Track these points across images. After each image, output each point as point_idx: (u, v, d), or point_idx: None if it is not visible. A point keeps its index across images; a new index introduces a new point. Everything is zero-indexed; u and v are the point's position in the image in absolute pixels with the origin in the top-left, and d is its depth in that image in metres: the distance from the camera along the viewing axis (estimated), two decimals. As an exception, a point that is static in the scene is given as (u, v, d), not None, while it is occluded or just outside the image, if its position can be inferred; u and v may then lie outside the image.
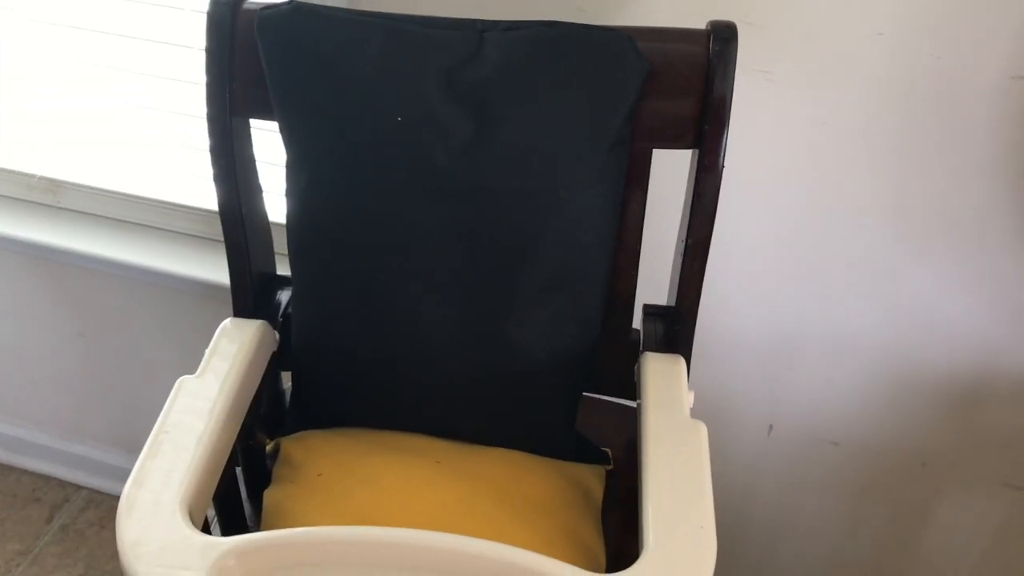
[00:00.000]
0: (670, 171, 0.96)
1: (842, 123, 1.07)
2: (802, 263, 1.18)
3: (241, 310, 1.00)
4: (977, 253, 1.11)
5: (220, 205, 0.96)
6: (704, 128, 0.88)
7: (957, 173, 1.07)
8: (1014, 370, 1.17)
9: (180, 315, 1.47)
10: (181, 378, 0.90)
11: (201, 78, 0.92)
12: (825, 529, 1.38)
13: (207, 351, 0.94)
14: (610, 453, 1.03)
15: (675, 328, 0.97)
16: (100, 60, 1.35)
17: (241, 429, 0.91)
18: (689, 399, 0.91)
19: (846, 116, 1.07)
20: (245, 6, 0.92)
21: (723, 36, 0.87)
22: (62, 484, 1.73)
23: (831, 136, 1.08)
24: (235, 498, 0.98)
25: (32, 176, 1.46)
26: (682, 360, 0.96)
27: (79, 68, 1.36)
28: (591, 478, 0.99)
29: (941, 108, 1.04)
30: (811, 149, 1.10)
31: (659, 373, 0.94)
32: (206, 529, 0.82)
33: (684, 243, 0.93)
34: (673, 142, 0.91)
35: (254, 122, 0.97)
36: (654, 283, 1.04)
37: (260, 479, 0.99)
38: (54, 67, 1.38)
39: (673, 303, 0.97)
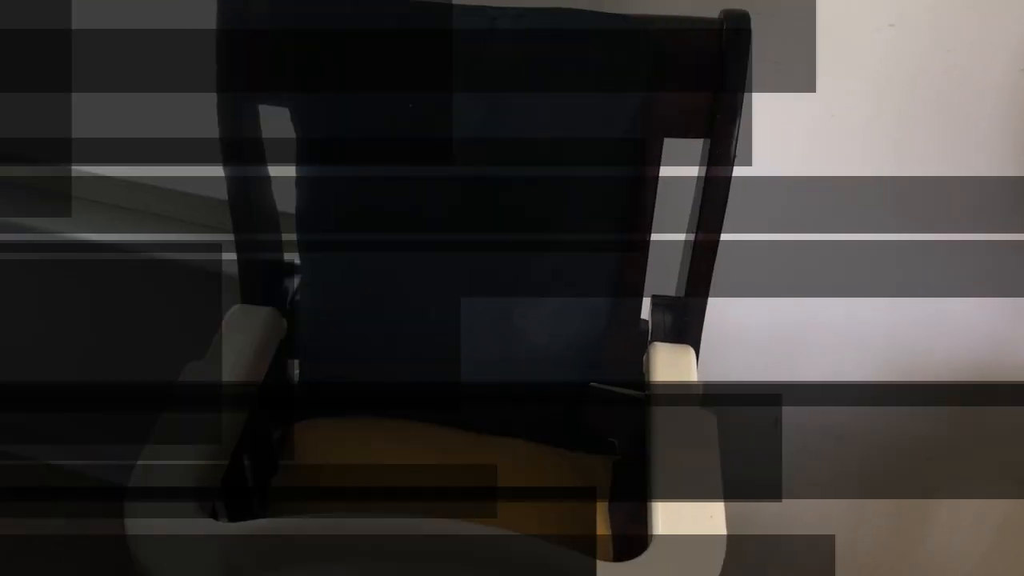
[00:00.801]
0: (680, 160, 0.96)
1: (850, 114, 1.07)
2: (808, 256, 1.17)
3: (249, 297, 1.00)
4: (984, 248, 1.11)
5: (229, 192, 0.96)
6: (716, 118, 0.87)
7: (966, 165, 1.07)
8: (1020, 366, 1.17)
9: (187, 303, 1.47)
10: (189, 364, 0.90)
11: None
12: (828, 523, 1.38)
13: (215, 337, 0.94)
14: (617, 443, 1.03)
15: (684, 319, 0.97)
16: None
17: (248, 416, 0.91)
18: (699, 389, 0.91)
19: (855, 107, 1.06)
20: (257, -12, 0.91)
21: (736, 25, 0.86)
22: (67, 472, 1.73)
23: (839, 127, 1.08)
24: (242, 485, 0.97)
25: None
26: (691, 350, 0.96)
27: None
28: (598, 468, 0.99)
29: (951, 100, 1.03)
30: (819, 140, 1.09)
31: (668, 363, 0.94)
32: (213, 516, 0.82)
33: (694, 233, 0.92)
34: (684, 132, 0.90)
35: (264, 109, 0.96)
36: (663, 273, 1.03)
37: (267, 466, 0.99)
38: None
39: (682, 293, 0.97)
